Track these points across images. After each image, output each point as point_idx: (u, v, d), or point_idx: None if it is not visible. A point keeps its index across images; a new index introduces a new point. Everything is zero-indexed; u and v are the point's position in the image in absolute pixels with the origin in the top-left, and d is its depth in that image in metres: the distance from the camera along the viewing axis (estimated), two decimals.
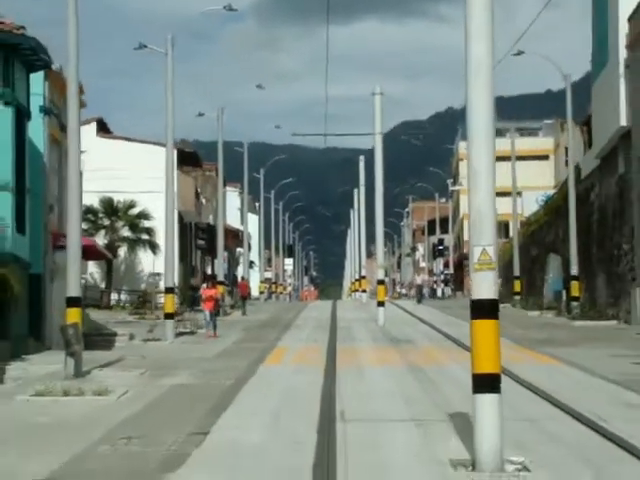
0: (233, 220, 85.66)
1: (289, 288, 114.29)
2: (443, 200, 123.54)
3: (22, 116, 27.06)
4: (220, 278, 52.56)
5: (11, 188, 25.91)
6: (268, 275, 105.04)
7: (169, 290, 34.86)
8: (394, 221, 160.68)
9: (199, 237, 62.87)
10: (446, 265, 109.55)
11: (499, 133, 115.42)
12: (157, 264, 54.36)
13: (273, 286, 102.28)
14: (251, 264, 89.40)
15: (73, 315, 22.35)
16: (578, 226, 44.46)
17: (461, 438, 12.45)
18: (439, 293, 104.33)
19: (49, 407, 17.10)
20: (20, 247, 26.50)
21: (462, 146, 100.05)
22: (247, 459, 11.97)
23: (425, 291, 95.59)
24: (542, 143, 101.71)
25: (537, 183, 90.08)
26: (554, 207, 54.47)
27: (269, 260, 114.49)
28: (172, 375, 22.15)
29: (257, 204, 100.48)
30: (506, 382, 13.39)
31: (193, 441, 13.14)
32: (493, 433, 10.46)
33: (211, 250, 64.32)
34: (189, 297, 55.19)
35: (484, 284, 10.64)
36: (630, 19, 37.87)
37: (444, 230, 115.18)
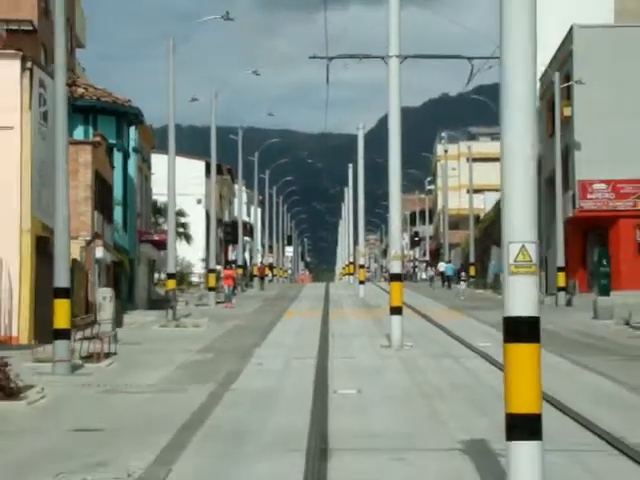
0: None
1: (289, 271, 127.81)
2: (433, 187, 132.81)
3: (126, 156, 40.48)
4: (239, 262, 66.08)
5: (121, 203, 39.32)
6: (270, 260, 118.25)
7: (211, 271, 48.23)
8: (381, 212, 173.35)
9: (225, 231, 76.34)
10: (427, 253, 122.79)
11: (473, 137, 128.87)
12: (188, 251, 67.63)
13: (275, 270, 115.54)
14: (254, 251, 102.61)
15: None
16: None
17: (386, 344, 25.88)
18: (419, 277, 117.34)
19: (174, 331, 30.67)
20: (126, 241, 39.95)
21: (440, 149, 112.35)
22: (287, 347, 25.38)
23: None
24: None
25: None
26: (498, 208, 67.71)
27: (270, 247, 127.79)
28: (229, 321, 35.58)
29: (260, 197, 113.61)
30: (428, 325, 26.71)
31: (258, 342, 26.55)
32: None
33: (230, 240, 77.91)
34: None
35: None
36: (540, 78, 51.18)
37: (432, 221, 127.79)
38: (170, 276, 35.84)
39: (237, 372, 19.68)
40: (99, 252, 34.05)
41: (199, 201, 72.11)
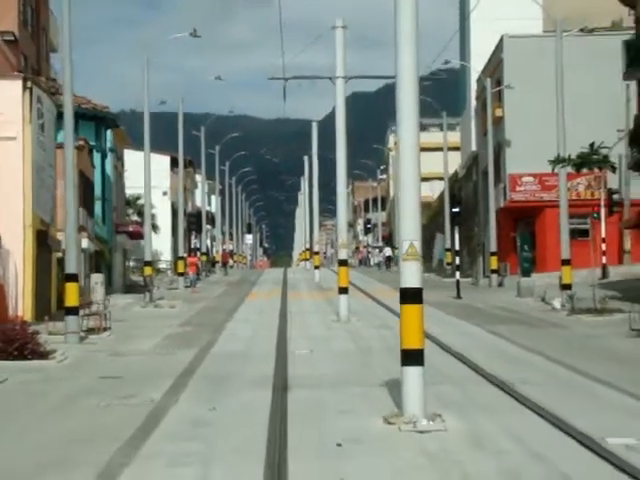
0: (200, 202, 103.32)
1: (249, 258, 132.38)
2: (385, 176, 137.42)
3: (103, 156, 44.85)
4: (203, 250, 70.58)
5: (100, 198, 43.68)
6: (230, 247, 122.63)
7: (180, 258, 52.69)
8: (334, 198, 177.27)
9: (189, 220, 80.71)
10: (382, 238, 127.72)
11: (424, 128, 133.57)
12: (156, 240, 71.86)
13: (235, 256, 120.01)
14: (215, 238, 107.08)
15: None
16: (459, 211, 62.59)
17: (335, 318, 30.49)
18: (372, 262, 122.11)
19: (153, 311, 35.23)
20: (105, 232, 44.35)
21: (391, 140, 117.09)
22: (252, 322, 29.99)
23: (353, 261, 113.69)
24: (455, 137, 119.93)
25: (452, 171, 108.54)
26: (442, 198, 72.77)
27: (230, 235, 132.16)
28: (199, 303, 40.10)
29: (220, 187, 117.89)
30: (372, 303, 31.42)
31: (228, 319, 31.13)
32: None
33: (193, 229, 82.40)
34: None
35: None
36: (477, 81, 56.10)
37: (384, 208, 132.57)
38: (147, 263, 40.51)
39: (214, 340, 24.30)
40: (84, 243, 38.44)
41: (165, 193, 76.59)
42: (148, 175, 41.50)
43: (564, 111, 35.81)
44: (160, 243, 72.31)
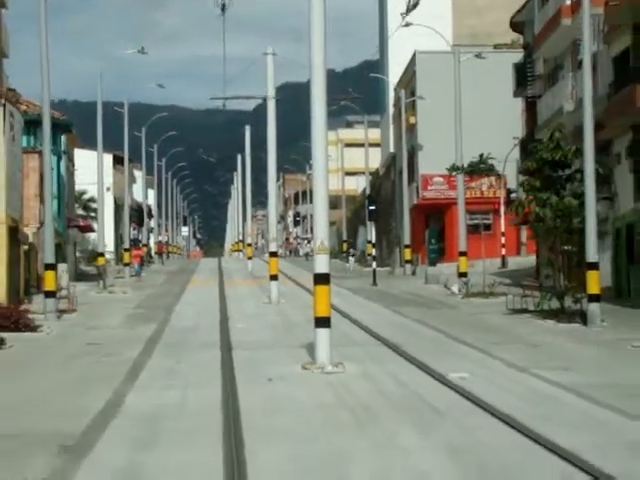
0: (137, 195, 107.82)
1: (184, 249, 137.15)
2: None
3: (59, 158, 49.47)
4: (144, 242, 75.22)
5: (56, 196, 48.32)
6: (166, 239, 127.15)
7: (127, 250, 57.46)
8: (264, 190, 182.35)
9: (131, 214, 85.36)
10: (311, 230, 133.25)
11: (349, 125, 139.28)
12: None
13: (170, 247, 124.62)
14: (151, 230, 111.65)
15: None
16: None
17: (267, 301, 35.63)
18: (301, 253, 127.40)
19: (107, 297, 40.10)
20: (60, 227, 49.05)
21: None
22: (196, 304, 35.03)
23: (283, 251, 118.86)
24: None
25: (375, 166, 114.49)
26: (364, 192, 78.27)
27: (165, 226, 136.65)
28: (145, 290, 44.94)
29: (153, 179, 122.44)
30: (299, 289, 36.65)
31: (175, 302, 36.10)
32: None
33: (133, 222, 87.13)
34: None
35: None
36: (394, 90, 61.59)
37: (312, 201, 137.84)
38: (100, 255, 45.35)
39: (167, 318, 29.35)
40: None
41: (108, 189, 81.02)
42: (101, 181, 46.26)
43: (468, 121, 41.40)
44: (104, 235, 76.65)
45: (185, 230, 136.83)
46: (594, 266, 25.69)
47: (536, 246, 43.01)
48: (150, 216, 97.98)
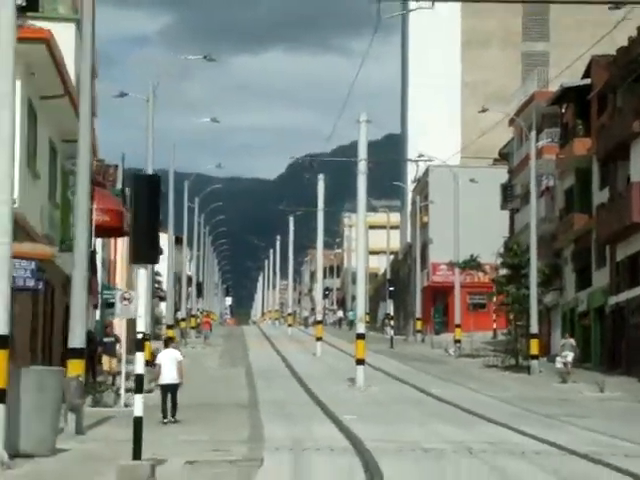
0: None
1: (226, 317, 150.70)
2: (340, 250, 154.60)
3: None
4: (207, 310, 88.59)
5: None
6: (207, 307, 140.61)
7: (193, 316, 70.46)
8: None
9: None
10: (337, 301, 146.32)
11: (373, 209, 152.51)
12: (162, 304, 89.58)
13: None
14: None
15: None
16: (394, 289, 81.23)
17: (313, 355, 48.67)
18: (328, 322, 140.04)
19: (191, 351, 53.26)
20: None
21: (346, 221, 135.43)
22: (264, 356, 48.05)
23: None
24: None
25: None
26: (385, 272, 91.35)
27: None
28: (219, 347, 57.83)
29: (198, 253, 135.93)
30: (333, 349, 49.86)
31: (246, 354, 49.11)
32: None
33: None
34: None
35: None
36: (412, 192, 74.82)
37: (339, 275, 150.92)
38: (182, 320, 58.82)
39: (249, 364, 42.38)
40: None
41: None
42: (171, 266, 59.51)
43: (471, 222, 54.53)
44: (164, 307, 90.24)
45: (229, 300, 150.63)
46: (535, 335, 38.75)
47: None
48: (199, 288, 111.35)
